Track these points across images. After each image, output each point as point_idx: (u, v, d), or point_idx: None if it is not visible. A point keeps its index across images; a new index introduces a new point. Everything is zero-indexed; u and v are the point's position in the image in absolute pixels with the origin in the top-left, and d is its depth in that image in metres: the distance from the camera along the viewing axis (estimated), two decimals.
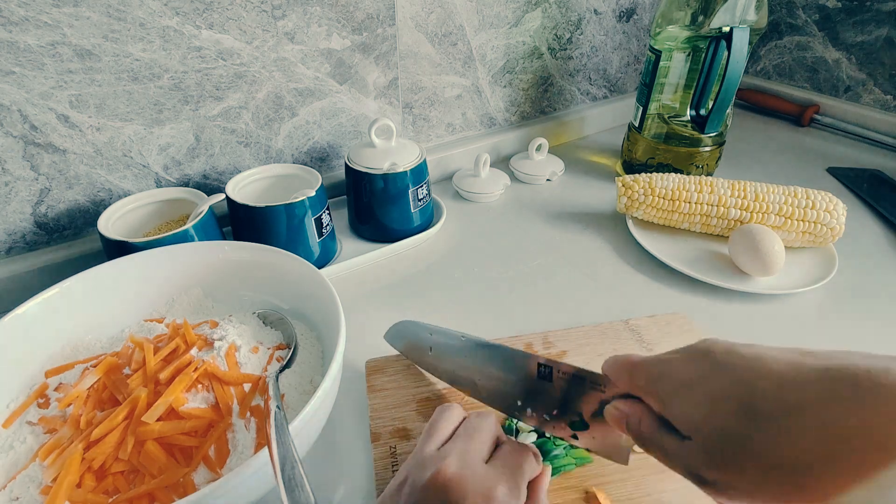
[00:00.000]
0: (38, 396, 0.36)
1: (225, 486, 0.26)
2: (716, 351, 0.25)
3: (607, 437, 0.32)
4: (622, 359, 0.30)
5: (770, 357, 0.23)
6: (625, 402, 0.29)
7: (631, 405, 0.29)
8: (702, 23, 0.61)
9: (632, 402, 0.29)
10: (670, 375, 0.26)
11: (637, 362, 0.29)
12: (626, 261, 0.59)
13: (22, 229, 0.50)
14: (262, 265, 0.45)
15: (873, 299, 0.53)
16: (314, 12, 0.56)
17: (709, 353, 0.26)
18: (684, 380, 0.26)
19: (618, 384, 0.30)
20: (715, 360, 0.25)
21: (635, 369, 0.29)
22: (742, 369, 0.24)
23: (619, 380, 0.30)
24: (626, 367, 0.29)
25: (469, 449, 0.29)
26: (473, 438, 0.30)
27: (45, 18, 0.43)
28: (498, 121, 0.80)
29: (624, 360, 0.30)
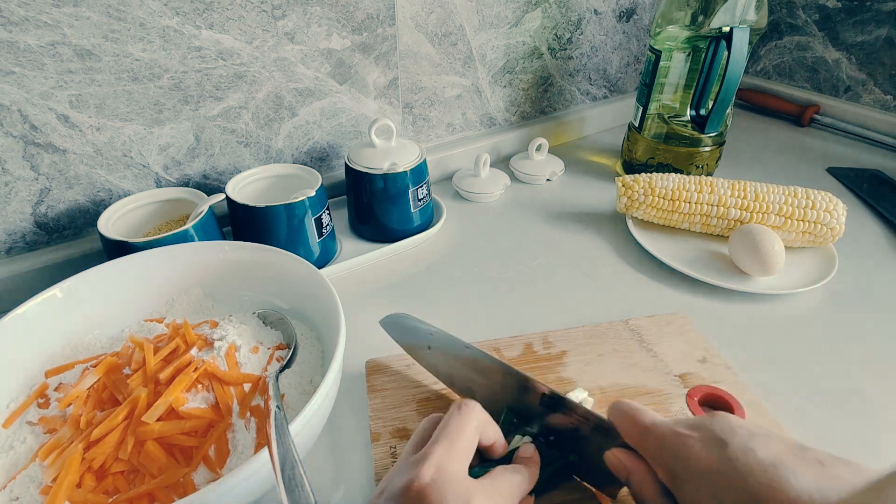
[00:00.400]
0: (38, 396, 0.36)
1: (225, 486, 0.26)
2: (733, 446, 0.25)
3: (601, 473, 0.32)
4: (632, 414, 0.30)
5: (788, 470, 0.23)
6: (629, 456, 0.29)
7: (634, 462, 0.29)
8: (702, 23, 0.61)
9: (636, 460, 0.29)
10: (685, 458, 0.26)
11: (649, 427, 0.29)
12: (626, 261, 0.59)
13: (22, 229, 0.50)
14: (262, 265, 0.45)
15: (873, 299, 0.53)
16: (314, 12, 0.56)
17: (726, 445, 0.25)
18: (699, 469, 0.25)
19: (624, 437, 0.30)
20: (733, 457, 0.25)
21: (647, 433, 0.28)
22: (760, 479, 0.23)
23: (627, 435, 0.30)
24: (636, 425, 0.29)
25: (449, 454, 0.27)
26: (454, 443, 0.28)
27: (45, 18, 0.43)
28: (498, 121, 0.80)
29: (634, 418, 0.29)
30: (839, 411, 0.41)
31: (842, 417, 0.41)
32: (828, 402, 0.42)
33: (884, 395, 0.43)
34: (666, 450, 0.27)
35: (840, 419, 0.41)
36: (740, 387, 0.42)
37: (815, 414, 0.41)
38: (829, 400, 0.42)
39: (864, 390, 0.43)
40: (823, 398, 0.43)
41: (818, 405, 0.42)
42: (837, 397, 0.43)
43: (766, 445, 0.25)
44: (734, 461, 0.24)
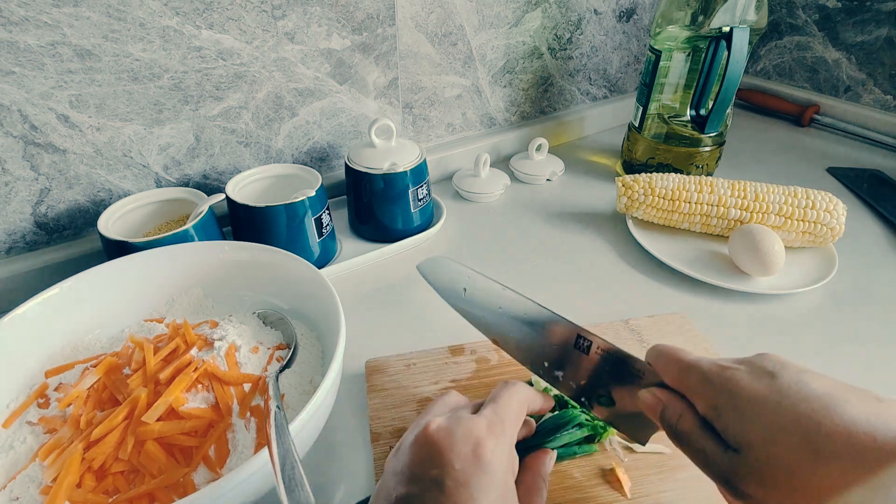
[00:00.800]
0: (38, 396, 0.36)
1: (225, 486, 0.26)
2: (784, 376, 0.25)
3: (630, 414, 0.31)
4: (672, 352, 0.29)
5: (842, 398, 0.23)
6: (664, 392, 0.29)
7: (671, 398, 0.29)
8: (702, 23, 0.61)
9: (672, 395, 0.29)
10: (731, 389, 0.26)
11: (691, 363, 0.28)
12: (626, 261, 0.59)
13: (22, 229, 0.50)
14: (262, 265, 0.45)
15: (873, 299, 0.53)
16: (314, 12, 0.56)
17: (776, 375, 0.25)
18: (747, 395, 0.25)
19: (662, 376, 0.30)
20: (784, 385, 0.25)
21: (689, 369, 0.28)
22: (815, 404, 0.23)
23: (666, 373, 0.29)
24: (675, 362, 0.29)
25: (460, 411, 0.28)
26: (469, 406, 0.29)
27: (45, 18, 0.43)
28: (498, 121, 0.80)
29: (674, 355, 0.29)
30: None
31: None
32: None
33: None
34: (709, 383, 0.27)
35: None
36: None
37: None
38: None
39: None
40: None
41: None
42: None
43: (818, 379, 0.24)
44: (785, 391, 0.24)
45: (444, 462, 0.25)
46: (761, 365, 0.26)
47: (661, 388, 0.30)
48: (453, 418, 0.27)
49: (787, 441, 0.23)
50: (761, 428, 0.24)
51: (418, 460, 0.26)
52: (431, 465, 0.25)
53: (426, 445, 0.26)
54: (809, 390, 0.24)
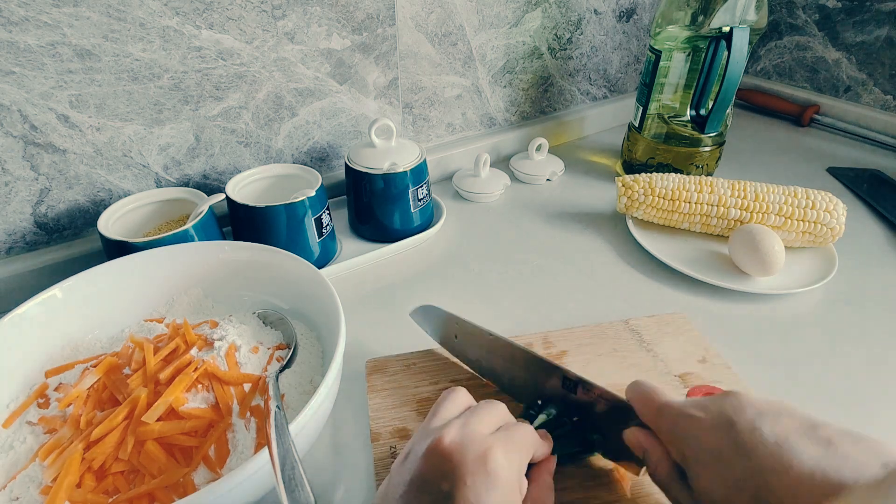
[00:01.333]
0: (38, 396, 0.36)
1: (225, 486, 0.26)
2: (740, 426, 0.25)
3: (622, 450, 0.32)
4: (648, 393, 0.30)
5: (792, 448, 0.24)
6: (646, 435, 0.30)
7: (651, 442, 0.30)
8: (702, 23, 0.61)
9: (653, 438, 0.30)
10: (694, 437, 0.27)
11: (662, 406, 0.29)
12: (626, 261, 0.59)
13: (22, 229, 0.50)
14: (262, 265, 0.45)
15: (873, 299, 0.53)
16: (314, 12, 0.56)
17: (733, 426, 0.26)
18: (707, 450, 0.26)
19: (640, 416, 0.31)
20: (739, 438, 0.25)
21: (660, 413, 0.29)
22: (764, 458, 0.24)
23: (643, 414, 0.30)
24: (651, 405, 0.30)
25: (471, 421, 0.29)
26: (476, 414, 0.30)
27: (45, 18, 0.43)
28: (498, 121, 0.80)
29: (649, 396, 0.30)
30: (839, 411, 0.41)
31: (842, 417, 0.41)
32: (828, 402, 0.42)
33: (884, 395, 0.43)
34: (677, 431, 0.28)
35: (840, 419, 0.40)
36: (740, 387, 0.42)
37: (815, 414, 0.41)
38: (829, 400, 0.42)
39: (864, 390, 0.43)
40: (823, 398, 0.43)
41: (818, 405, 0.42)
42: (837, 397, 0.43)
43: (773, 424, 0.25)
44: (740, 441, 0.25)
45: (456, 476, 0.25)
46: (721, 410, 0.27)
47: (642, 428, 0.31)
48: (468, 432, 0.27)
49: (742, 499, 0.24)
50: (720, 484, 0.25)
51: (430, 472, 0.26)
52: (443, 478, 0.25)
53: (440, 458, 0.26)
54: (762, 441, 0.24)
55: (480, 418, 0.29)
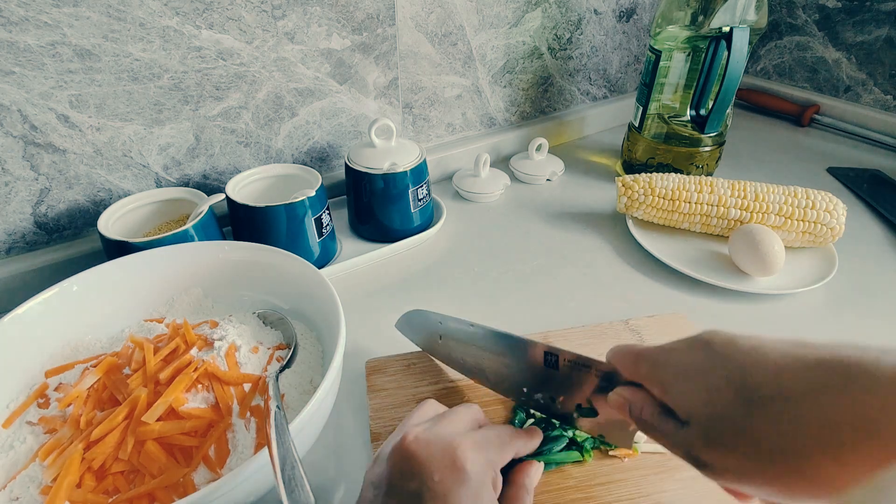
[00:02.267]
0: (38, 396, 0.36)
1: (225, 486, 0.26)
2: (716, 342, 0.26)
3: (611, 421, 0.32)
4: (626, 348, 0.31)
5: (768, 346, 0.24)
6: (628, 389, 0.30)
7: (633, 392, 0.30)
8: (702, 23, 0.61)
9: (634, 390, 0.30)
10: (672, 363, 0.27)
11: (641, 351, 0.30)
12: (626, 261, 0.59)
13: (22, 229, 0.50)
14: (262, 265, 0.45)
15: (873, 299, 0.53)
16: (314, 12, 0.56)
17: (709, 343, 0.26)
18: (685, 367, 0.26)
19: (622, 372, 0.31)
20: (715, 350, 0.26)
21: (639, 357, 0.29)
22: (741, 357, 0.24)
23: (624, 368, 0.30)
24: (629, 355, 0.30)
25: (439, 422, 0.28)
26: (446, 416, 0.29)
27: (45, 18, 0.43)
28: (498, 121, 0.80)
29: (628, 349, 0.30)
30: None
31: None
32: None
33: None
34: (657, 365, 0.28)
35: None
36: None
37: None
38: None
39: None
40: None
41: None
42: None
43: (747, 337, 0.26)
44: (717, 353, 0.25)
45: (422, 474, 0.25)
46: (697, 337, 0.27)
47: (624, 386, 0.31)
48: (433, 429, 0.27)
49: (722, 399, 0.24)
50: (699, 393, 0.25)
51: (396, 472, 0.26)
52: (410, 477, 0.25)
53: (404, 457, 0.26)
54: (737, 348, 0.25)
55: (450, 420, 0.29)
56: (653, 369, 0.28)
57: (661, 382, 0.28)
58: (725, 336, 0.26)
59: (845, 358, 0.21)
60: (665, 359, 0.28)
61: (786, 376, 0.22)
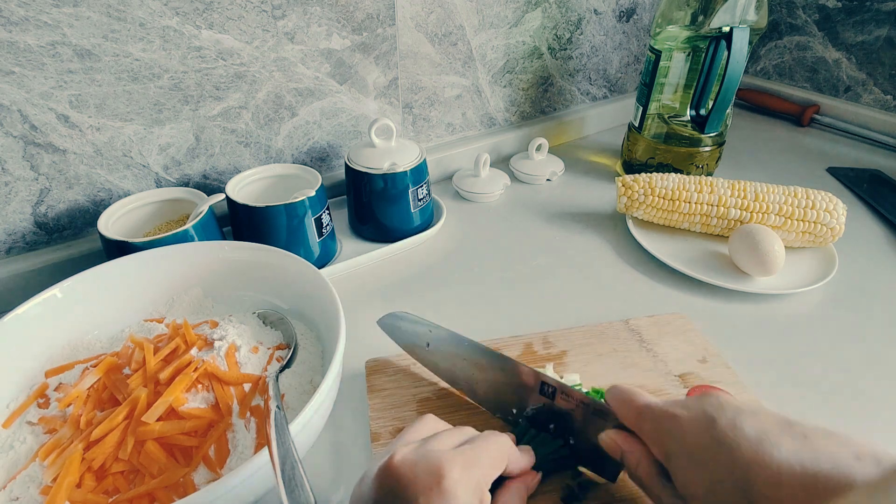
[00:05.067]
0: (38, 396, 0.36)
1: (225, 486, 0.26)
2: (721, 423, 0.26)
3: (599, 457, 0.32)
4: (628, 397, 0.31)
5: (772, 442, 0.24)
6: (623, 436, 0.30)
7: (630, 443, 0.30)
8: (702, 23, 0.61)
9: (632, 440, 0.30)
10: (676, 436, 0.27)
11: (644, 408, 0.29)
12: (626, 261, 0.59)
13: (22, 229, 0.50)
14: (262, 265, 0.45)
15: (873, 299, 0.53)
16: (314, 12, 0.56)
17: (714, 422, 0.26)
18: (689, 446, 0.26)
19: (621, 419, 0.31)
20: (720, 434, 0.26)
21: (642, 414, 0.29)
22: (745, 452, 0.24)
23: (624, 416, 0.30)
24: (632, 407, 0.30)
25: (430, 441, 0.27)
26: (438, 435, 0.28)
27: (45, 18, 0.43)
28: (498, 121, 0.80)
29: (630, 399, 0.30)
30: (839, 411, 0.41)
31: (842, 417, 0.41)
32: (828, 402, 0.42)
33: (884, 395, 0.43)
34: (660, 429, 0.28)
35: (840, 419, 0.41)
36: (740, 387, 0.42)
37: (815, 414, 0.41)
38: (829, 400, 0.42)
39: (864, 390, 0.43)
40: (823, 398, 0.43)
41: (818, 405, 0.42)
42: (837, 397, 0.43)
43: (752, 421, 0.25)
44: (722, 437, 0.25)
45: (406, 496, 0.24)
46: (702, 409, 0.27)
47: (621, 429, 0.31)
48: (420, 450, 0.26)
49: (724, 492, 0.24)
50: (702, 479, 0.25)
51: (382, 493, 0.25)
52: (395, 498, 0.25)
53: (390, 478, 0.25)
54: (743, 436, 0.25)
55: (441, 438, 0.28)
56: (656, 433, 0.28)
57: (663, 449, 0.28)
58: (730, 415, 0.26)
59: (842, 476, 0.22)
60: (669, 426, 0.28)
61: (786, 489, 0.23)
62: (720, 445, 0.25)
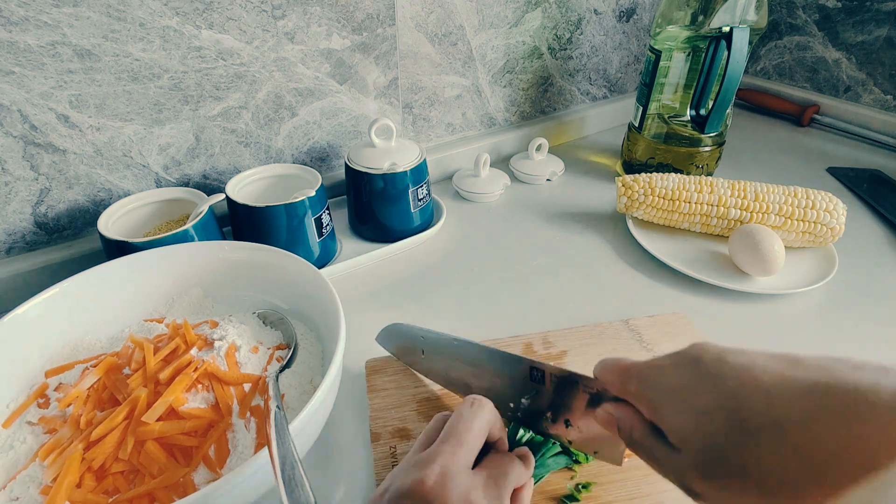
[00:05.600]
0: (38, 396, 0.36)
1: (225, 486, 0.26)
2: (705, 359, 0.25)
3: (601, 438, 0.32)
4: (613, 362, 0.30)
5: (759, 367, 0.23)
6: (615, 405, 0.29)
7: (621, 409, 0.29)
8: (702, 23, 0.61)
9: (623, 407, 0.29)
10: (661, 383, 0.26)
11: (628, 367, 0.29)
12: (626, 261, 0.59)
13: (22, 229, 0.50)
14: (262, 265, 0.45)
15: (873, 299, 0.53)
16: (314, 12, 0.56)
17: (699, 361, 0.25)
18: (674, 388, 0.25)
19: (609, 388, 0.30)
20: (704, 369, 0.25)
21: (627, 374, 0.28)
22: (731, 380, 0.23)
23: (611, 384, 0.30)
24: (617, 371, 0.29)
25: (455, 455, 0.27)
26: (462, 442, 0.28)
27: (45, 18, 0.43)
28: (498, 121, 0.80)
29: (615, 364, 0.29)
30: None
31: None
32: None
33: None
34: (645, 383, 0.27)
35: None
36: None
37: None
38: None
39: None
40: None
41: None
42: None
43: (737, 354, 0.24)
44: (706, 372, 0.24)
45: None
46: (686, 353, 0.26)
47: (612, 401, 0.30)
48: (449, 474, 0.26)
49: (714, 425, 0.23)
50: (690, 417, 0.24)
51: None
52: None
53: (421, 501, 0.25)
54: (728, 367, 0.24)
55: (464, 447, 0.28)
56: (641, 387, 0.27)
57: (650, 402, 0.27)
58: (714, 352, 0.25)
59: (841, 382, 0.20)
60: (653, 376, 0.27)
61: (777, 403, 0.21)
62: (705, 380, 0.24)
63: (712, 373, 0.24)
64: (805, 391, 0.21)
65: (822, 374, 0.21)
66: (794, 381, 0.22)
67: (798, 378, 0.22)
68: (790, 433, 0.20)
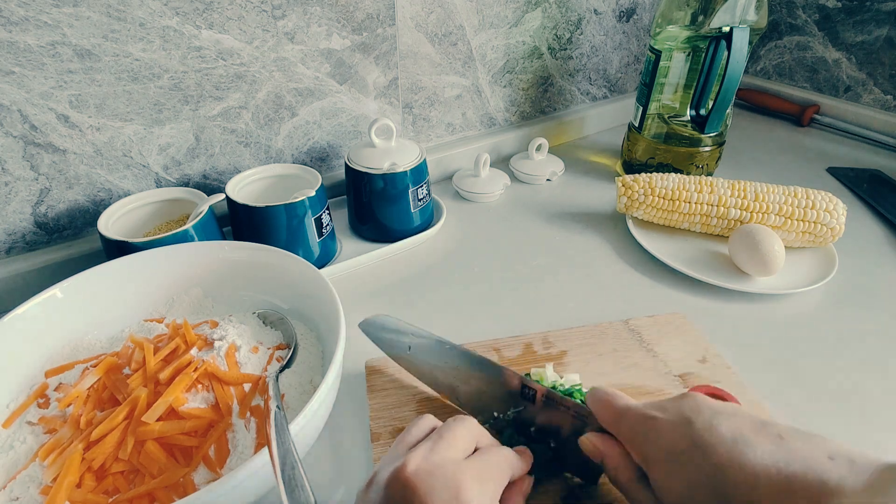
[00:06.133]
0: (38, 396, 0.36)
1: (225, 486, 0.26)
2: (697, 424, 0.26)
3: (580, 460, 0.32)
4: (607, 398, 0.31)
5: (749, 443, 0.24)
6: (602, 439, 0.30)
7: (609, 446, 0.30)
8: (702, 23, 0.61)
9: (611, 442, 0.30)
10: (654, 441, 0.27)
11: (623, 410, 0.29)
12: (626, 261, 0.59)
13: (22, 229, 0.50)
14: (261, 265, 0.45)
15: (873, 299, 0.53)
16: (314, 12, 0.56)
17: (690, 424, 0.26)
18: (667, 450, 0.26)
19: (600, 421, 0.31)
20: (697, 435, 0.26)
21: (621, 417, 0.29)
22: (720, 454, 0.24)
23: (603, 419, 0.30)
24: (611, 410, 0.30)
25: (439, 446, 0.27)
26: (443, 437, 0.28)
27: (45, 18, 0.43)
28: (498, 121, 0.80)
29: (610, 402, 0.30)
30: (839, 411, 0.41)
31: (842, 417, 0.41)
32: (828, 402, 0.42)
33: (884, 395, 0.43)
34: (638, 432, 0.28)
35: (840, 419, 0.41)
36: (740, 387, 0.42)
37: (815, 414, 0.41)
38: (829, 400, 0.42)
39: (864, 390, 0.43)
40: (823, 398, 0.43)
41: (818, 405, 0.42)
42: (837, 397, 0.43)
43: (728, 422, 0.26)
44: (698, 439, 0.25)
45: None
46: (679, 411, 0.27)
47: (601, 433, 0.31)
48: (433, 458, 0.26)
49: (702, 496, 0.24)
50: (679, 484, 0.25)
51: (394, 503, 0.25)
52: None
53: (404, 489, 0.24)
54: (719, 437, 0.25)
55: (449, 442, 0.27)
56: (634, 436, 0.28)
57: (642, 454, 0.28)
58: (707, 415, 0.26)
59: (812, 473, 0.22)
60: (647, 431, 0.28)
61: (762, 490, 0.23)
62: (696, 447, 0.25)
63: (704, 442, 0.25)
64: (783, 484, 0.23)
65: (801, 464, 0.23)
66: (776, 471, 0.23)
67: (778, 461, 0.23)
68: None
